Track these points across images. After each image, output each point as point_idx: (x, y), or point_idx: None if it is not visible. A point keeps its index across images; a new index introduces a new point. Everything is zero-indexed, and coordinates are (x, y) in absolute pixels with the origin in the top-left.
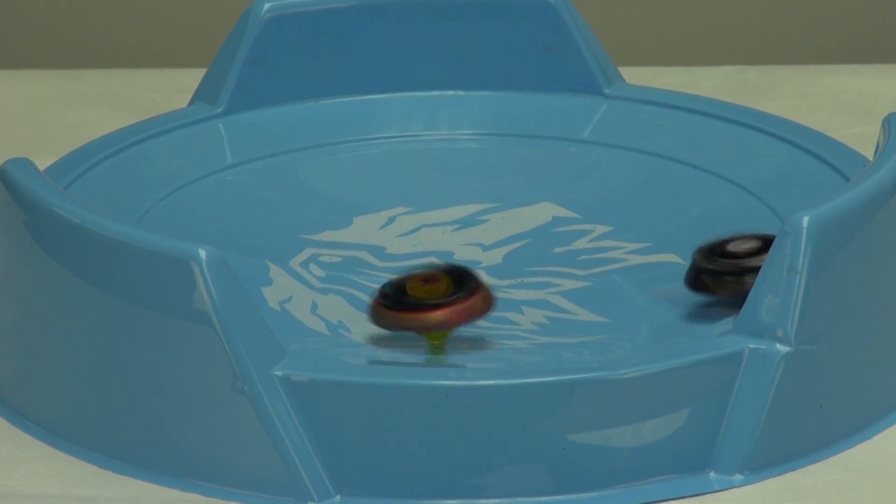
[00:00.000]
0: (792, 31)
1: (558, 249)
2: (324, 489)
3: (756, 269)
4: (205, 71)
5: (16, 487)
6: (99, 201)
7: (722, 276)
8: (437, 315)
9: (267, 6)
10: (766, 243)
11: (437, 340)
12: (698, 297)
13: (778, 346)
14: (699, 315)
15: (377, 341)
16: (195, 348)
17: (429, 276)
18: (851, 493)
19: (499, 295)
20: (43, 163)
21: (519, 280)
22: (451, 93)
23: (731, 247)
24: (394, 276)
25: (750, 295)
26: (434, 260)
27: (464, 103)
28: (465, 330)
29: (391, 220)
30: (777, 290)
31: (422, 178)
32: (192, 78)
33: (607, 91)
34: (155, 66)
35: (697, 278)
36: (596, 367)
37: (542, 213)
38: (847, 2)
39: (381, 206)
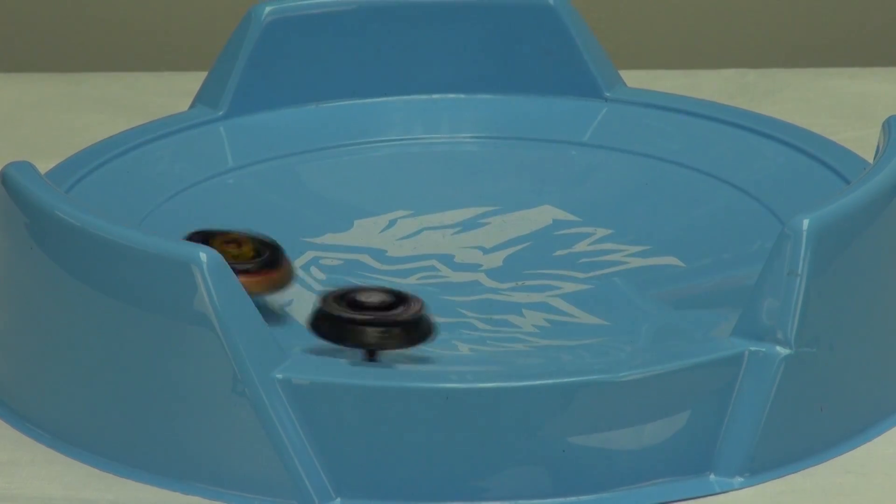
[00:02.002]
0: (792, 35)
1: (559, 252)
2: (324, 492)
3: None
4: (206, 74)
5: (17, 490)
6: (100, 205)
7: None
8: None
9: (268, 9)
10: (397, 298)
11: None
12: (699, 300)
13: (778, 348)
14: (699, 318)
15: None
16: (196, 351)
17: (233, 239)
18: (851, 495)
19: (499, 298)
20: (45, 166)
21: (519, 283)
22: (451, 96)
23: (362, 297)
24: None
25: (750, 298)
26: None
27: (464, 106)
28: (466, 334)
29: (392, 223)
30: (777, 292)
31: (422, 182)
32: (193, 81)
33: (608, 94)
34: (156, 69)
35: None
36: (596, 369)
37: (542, 216)
38: (847, 5)
39: (381, 209)
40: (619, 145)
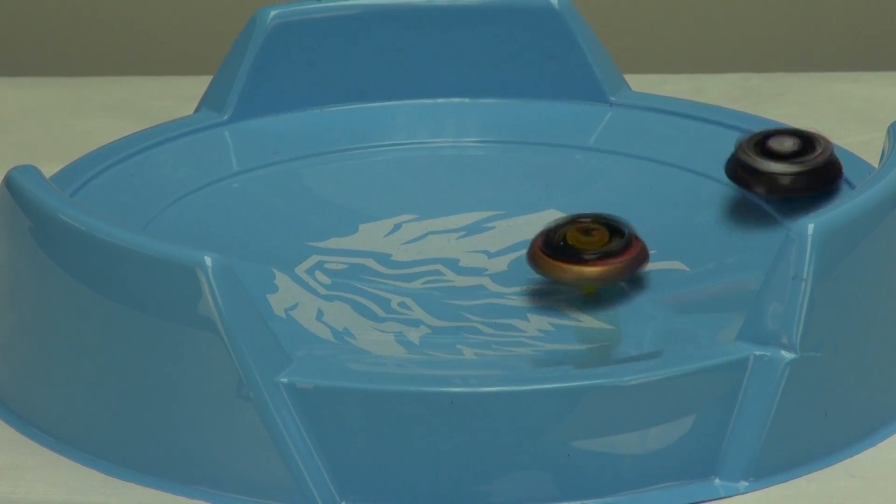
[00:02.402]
0: (797, 39)
1: None
2: (329, 496)
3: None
4: (211, 79)
5: (21, 495)
6: (104, 209)
7: (760, 173)
8: (594, 270)
9: (272, 14)
10: (806, 141)
11: (590, 289)
12: (703, 304)
13: (783, 352)
14: (704, 322)
15: (382, 347)
16: (201, 355)
17: (588, 227)
18: (856, 499)
19: (504, 302)
20: (49, 170)
21: (524, 287)
22: (456, 100)
23: (773, 144)
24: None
25: (755, 302)
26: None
27: (469, 111)
28: (471, 338)
29: (397, 227)
30: (782, 297)
31: (427, 186)
32: (198, 86)
33: (612, 98)
34: (161, 73)
35: (735, 171)
36: (601, 374)
37: (547, 220)
38: (852, 9)
39: (386, 213)
40: (624, 149)
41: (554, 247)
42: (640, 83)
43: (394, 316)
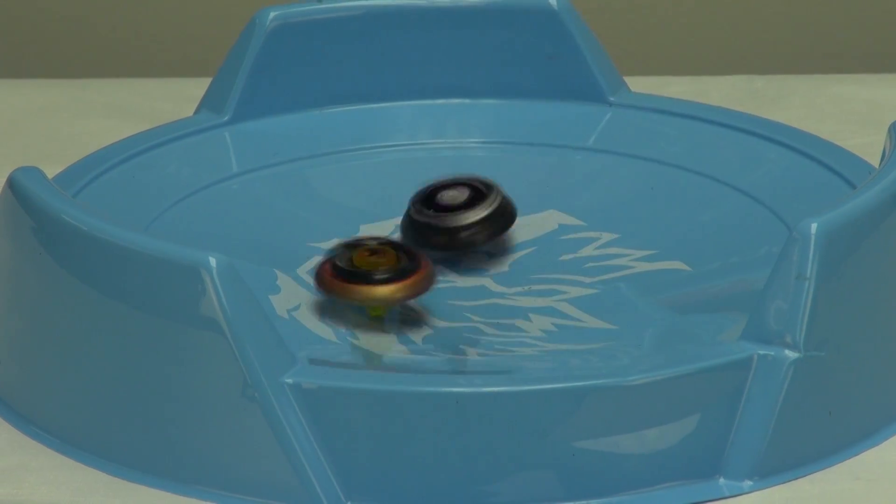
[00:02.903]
0: (800, 41)
1: (565, 257)
2: (335, 496)
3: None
4: (211, 80)
5: (25, 496)
6: (107, 210)
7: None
8: (382, 290)
9: (272, 15)
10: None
11: (377, 312)
12: (706, 304)
13: (787, 352)
14: (707, 322)
15: (386, 348)
16: (205, 356)
17: (375, 249)
18: (860, 499)
19: (506, 302)
20: (51, 171)
21: (526, 288)
22: (457, 101)
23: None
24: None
25: (758, 302)
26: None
27: (470, 111)
28: (473, 337)
29: (398, 227)
30: (785, 296)
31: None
32: (198, 87)
33: (612, 99)
34: (162, 75)
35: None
36: (604, 373)
37: (548, 220)
38: (855, 11)
39: (388, 213)
40: (624, 150)
41: (342, 270)
42: (643, 85)
43: (396, 316)
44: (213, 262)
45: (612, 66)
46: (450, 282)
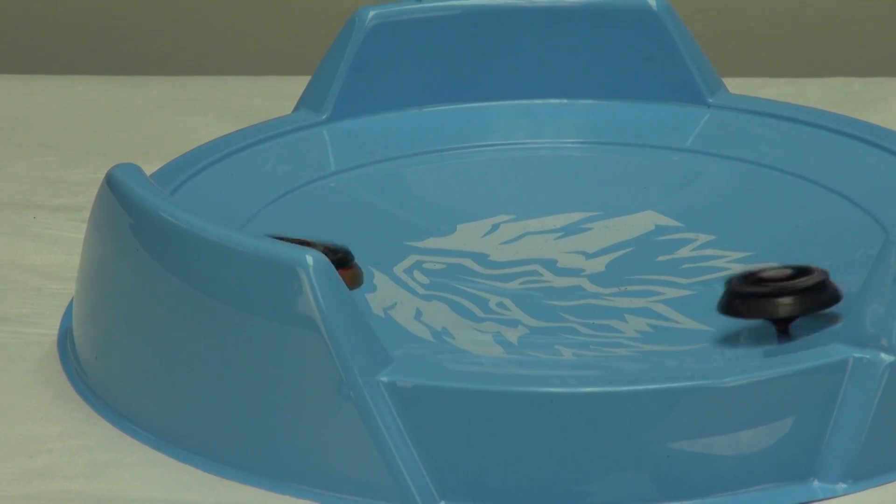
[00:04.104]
0: None
1: (661, 258)
2: (429, 495)
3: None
4: (309, 78)
5: (120, 492)
6: (204, 207)
7: (753, 298)
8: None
9: (372, 14)
10: (798, 272)
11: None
12: None
13: (882, 355)
14: (802, 324)
15: (480, 347)
16: (301, 354)
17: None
18: None
19: (602, 303)
20: (150, 169)
21: (622, 288)
22: (554, 101)
23: (765, 274)
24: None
25: (855, 304)
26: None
27: (567, 111)
28: (569, 338)
29: (494, 227)
30: (882, 299)
31: (525, 186)
32: (296, 85)
33: (710, 100)
34: (260, 73)
35: (730, 304)
36: (700, 375)
37: (644, 221)
38: None
39: (484, 213)
40: (722, 151)
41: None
42: (740, 86)
43: (492, 316)
44: (310, 260)
45: (710, 67)
46: (546, 282)
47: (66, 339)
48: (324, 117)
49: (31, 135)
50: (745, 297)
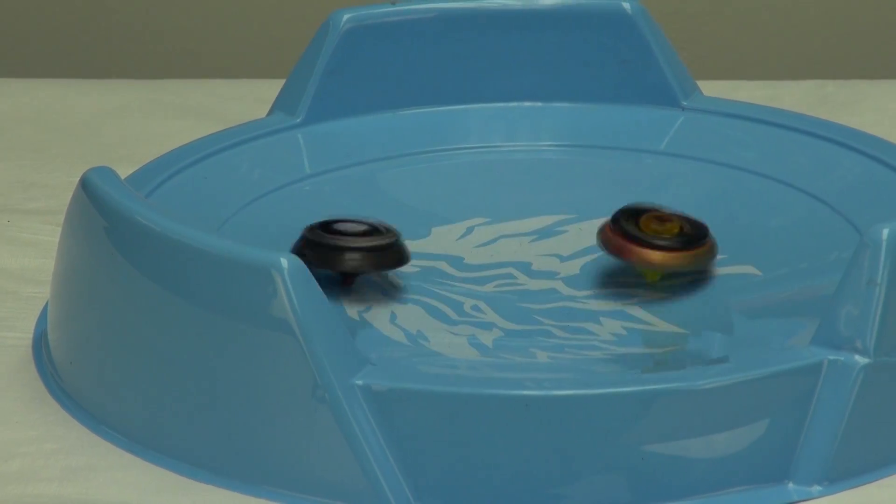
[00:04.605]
0: (872, 46)
1: None
2: (404, 498)
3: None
4: (284, 81)
5: (95, 496)
6: (179, 210)
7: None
8: (658, 255)
9: (346, 17)
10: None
11: (652, 278)
12: (776, 309)
13: (857, 357)
14: (777, 327)
15: (455, 350)
16: (276, 357)
17: (664, 217)
18: None
19: (577, 305)
20: (125, 172)
21: (597, 291)
22: (529, 104)
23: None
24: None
25: (829, 307)
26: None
27: (542, 114)
28: (544, 341)
29: (469, 230)
30: (856, 301)
31: (500, 189)
32: (272, 88)
33: (684, 103)
34: (236, 76)
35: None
36: (675, 377)
37: None
38: None
39: (459, 216)
40: (696, 154)
41: (626, 230)
42: (715, 89)
43: (467, 319)
44: (284, 263)
45: (684, 70)
46: (521, 285)
47: (41, 343)
48: (298, 120)
49: (5, 138)
50: (315, 246)
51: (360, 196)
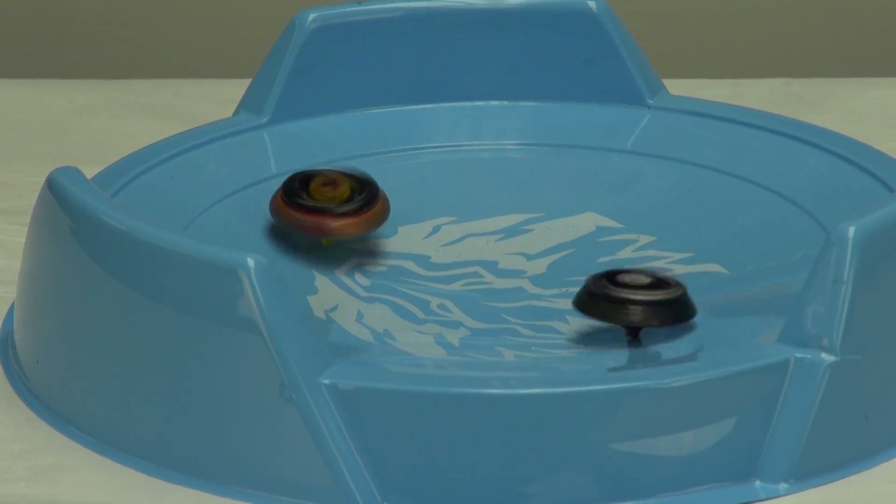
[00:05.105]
0: (838, 44)
1: (602, 259)
2: (371, 497)
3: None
4: (250, 81)
5: (62, 496)
6: (146, 210)
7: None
8: (336, 224)
9: (312, 17)
10: (658, 281)
11: (329, 243)
12: (743, 307)
13: (823, 355)
14: (743, 325)
15: (422, 349)
16: (243, 357)
17: (329, 180)
18: None
19: (543, 304)
20: (90, 172)
21: (563, 289)
22: (495, 103)
23: (623, 277)
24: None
25: (796, 305)
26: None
27: (508, 114)
28: (511, 340)
29: (436, 229)
30: (823, 299)
31: (466, 188)
32: (238, 88)
33: (650, 102)
34: (202, 76)
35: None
36: (642, 376)
37: (585, 222)
38: (894, 14)
39: (425, 215)
40: (662, 152)
41: (296, 198)
42: (681, 88)
43: (433, 318)
44: (251, 262)
45: (650, 68)
46: (487, 283)
47: (7, 343)
48: (264, 120)
49: None
50: (596, 297)
51: None
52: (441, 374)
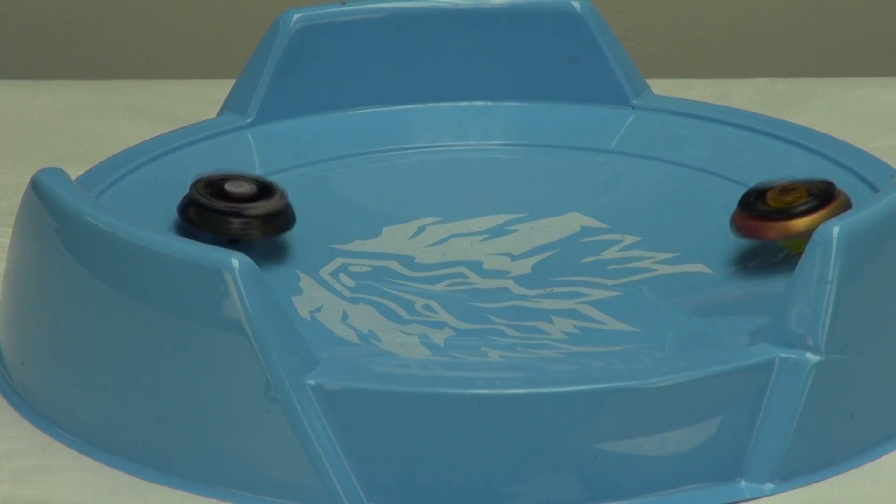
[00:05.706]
0: (822, 44)
1: (587, 259)
2: (356, 498)
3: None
4: (234, 81)
5: (47, 497)
6: (130, 210)
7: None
8: (802, 222)
9: (296, 17)
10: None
11: (799, 249)
12: (727, 307)
13: (808, 355)
14: (728, 325)
15: (407, 349)
16: (228, 357)
17: (786, 187)
18: (881, 503)
19: (528, 304)
20: (75, 172)
21: (548, 290)
22: (479, 103)
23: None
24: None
25: (781, 305)
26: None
27: (493, 114)
28: (496, 340)
29: (420, 229)
30: (807, 299)
31: (451, 189)
32: (223, 89)
33: (635, 102)
34: (186, 76)
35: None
36: (626, 376)
37: (570, 223)
38: (878, 14)
39: (410, 215)
40: (647, 152)
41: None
42: (665, 88)
43: (418, 318)
44: (235, 263)
45: (635, 68)
46: (472, 284)
47: None
48: (248, 120)
49: None
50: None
51: (311, 196)
52: (426, 374)
